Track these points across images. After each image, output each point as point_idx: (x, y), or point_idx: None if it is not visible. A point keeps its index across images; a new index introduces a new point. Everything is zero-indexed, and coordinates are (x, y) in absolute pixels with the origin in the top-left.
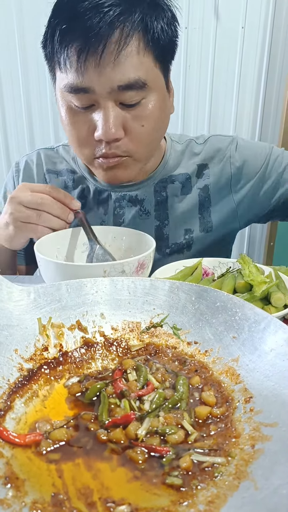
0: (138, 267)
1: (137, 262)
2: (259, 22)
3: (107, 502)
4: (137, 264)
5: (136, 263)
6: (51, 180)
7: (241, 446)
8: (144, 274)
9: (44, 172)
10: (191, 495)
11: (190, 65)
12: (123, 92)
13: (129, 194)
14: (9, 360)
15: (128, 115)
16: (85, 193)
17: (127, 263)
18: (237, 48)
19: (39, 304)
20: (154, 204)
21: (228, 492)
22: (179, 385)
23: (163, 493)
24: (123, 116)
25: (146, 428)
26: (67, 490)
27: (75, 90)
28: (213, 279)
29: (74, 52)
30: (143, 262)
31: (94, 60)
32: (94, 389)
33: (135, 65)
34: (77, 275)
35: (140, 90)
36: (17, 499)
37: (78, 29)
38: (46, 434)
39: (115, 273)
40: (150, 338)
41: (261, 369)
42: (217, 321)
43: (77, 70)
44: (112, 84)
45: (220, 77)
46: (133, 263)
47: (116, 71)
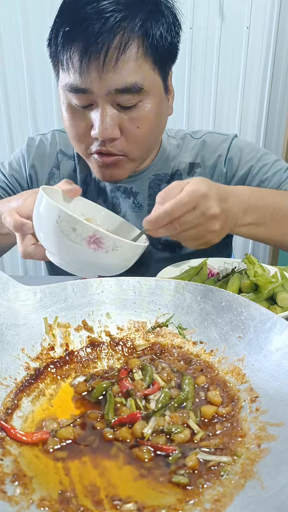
0: (92, 239)
1: (92, 232)
2: (264, 22)
3: (113, 500)
4: (91, 234)
5: (90, 231)
6: (62, 161)
7: (247, 445)
8: (101, 255)
9: (57, 151)
10: (197, 493)
11: (195, 65)
12: (120, 95)
13: (124, 186)
14: (16, 359)
15: (125, 116)
16: (87, 180)
17: (81, 223)
18: (242, 48)
19: (45, 304)
20: (148, 198)
21: (234, 490)
22: (184, 385)
23: (170, 492)
24: (120, 117)
25: (152, 427)
26: (74, 488)
27: (75, 90)
28: (218, 279)
29: (75, 54)
30: (99, 238)
31: (94, 64)
32: (100, 388)
33: (133, 70)
34: (40, 208)
35: (136, 94)
36: (25, 496)
37: (80, 33)
38: (53, 433)
39: (67, 226)
40: (155, 337)
41: (267, 368)
42: (223, 321)
43: (77, 72)
44: (110, 87)
45: (225, 77)
46: (86, 229)
47: (115, 75)
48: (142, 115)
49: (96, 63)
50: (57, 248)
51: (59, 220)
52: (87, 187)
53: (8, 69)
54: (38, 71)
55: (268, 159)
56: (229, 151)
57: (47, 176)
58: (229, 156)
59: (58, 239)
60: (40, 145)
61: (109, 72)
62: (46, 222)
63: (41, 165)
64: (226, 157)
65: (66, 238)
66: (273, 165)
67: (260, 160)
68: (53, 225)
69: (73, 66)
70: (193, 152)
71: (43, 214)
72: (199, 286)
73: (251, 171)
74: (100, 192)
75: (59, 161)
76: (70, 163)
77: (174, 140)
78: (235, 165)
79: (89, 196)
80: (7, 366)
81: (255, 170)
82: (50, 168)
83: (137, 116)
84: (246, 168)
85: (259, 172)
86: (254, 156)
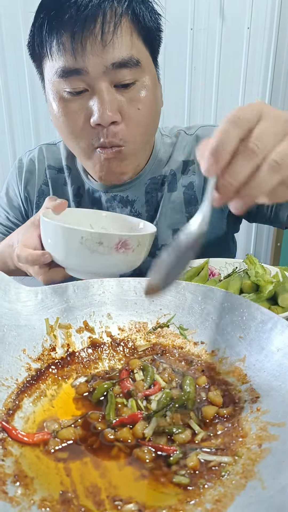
0: (119, 245)
1: (118, 239)
2: (265, 22)
3: (114, 500)
4: (118, 241)
5: (116, 239)
6: (51, 176)
7: (248, 446)
8: (128, 255)
9: (45, 168)
10: (198, 494)
11: (196, 66)
12: (117, 71)
13: (120, 194)
14: (17, 360)
15: (123, 98)
16: (81, 192)
17: (106, 236)
18: (243, 49)
19: (47, 305)
20: (145, 205)
21: (235, 491)
22: (186, 385)
23: (171, 492)
24: (119, 100)
25: (153, 428)
26: (75, 488)
27: (67, 73)
28: (219, 279)
29: (65, 35)
30: (126, 241)
31: (87, 38)
32: (101, 389)
33: (128, 44)
34: (56, 235)
35: (133, 68)
36: (26, 497)
37: (68, 12)
38: (54, 433)
39: (92, 243)
40: (156, 338)
41: (268, 369)
42: (224, 321)
43: (70, 52)
44: (106, 62)
45: (225, 78)
46: (112, 238)
47: (110, 49)
48: (142, 95)
49: (91, 37)
50: (84, 264)
51: (83, 241)
52: (81, 199)
53: (9, 67)
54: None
55: None
56: None
57: (36, 194)
58: None
59: (85, 257)
60: (29, 164)
61: (103, 47)
62: (69, 246)
63: (32, 184)
64: None
65: (95, 253)
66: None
67: None
68: (77, 246)
69: (65, 47)
70: (187, 149)
71: (62, 241)
72: (200, 286)
73: None
74: (95, 203)
75: (47, 177)
76: (60, 176)
77: (168, 138)
78: None
79: (83, 207)
80: (9, 367)
81: None
82: (39, 186)
83: (136, 96)
84: None
85: None
86: None
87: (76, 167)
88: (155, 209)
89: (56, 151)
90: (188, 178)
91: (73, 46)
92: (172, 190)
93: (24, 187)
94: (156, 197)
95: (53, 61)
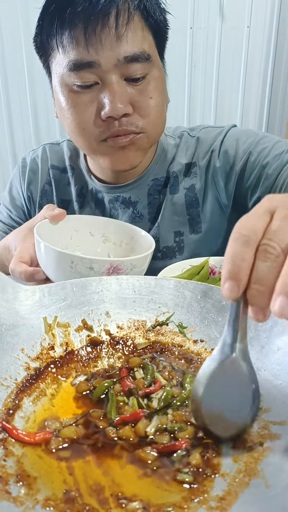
0: (111, 270)
1: (109, 264)
2: (265, 21)
3: (119, 498)
4: (109, 266)
5: (107, 264)
6: (55, 176)
7: (250, 444)
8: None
9: (48, 167)
10: (202, 491)
11: (196, 65)
12: (128, 65)
13: (123, 195)
14: (16, 359)
15: (134, 90)
16: (84, 192)
17: (96, 261)
18: (243, 47)
19: (45, 304)
20: (148, 206)
21: (239, 489)
22: (186, 383)
23: (175, 490)
24: (130, 93)
25: (155, 426)
26: (78, 487)
27: (79, 67)
28: (220, 278)
29: (79, 28)
30: (118, 266)
31: (101, 31)
32: (101, 387)
33: (140, 39)
34: (47, 256)
35: (145, 62)
36: (30, 496)
37: (82, 4)
38: (55, 432)
39: (83, 267)
40: (156, 336)
41: (268, 367)
42: (223, 319)
43: (83, 45)
44: (118, 55)
45: (225, 77)
46: (103, 264)
47: (122, 42)
48: (153, 87)
49: (105, 30)
50: None
51: (73, 265)
52: (84, 199)
53: (9, 68)
54: (39, 72)
55: (267, 142)
56: (223, 144)
57: (39, 194)
58: (223, 149)
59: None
60: (32, 163)
61: (115, 40)
62: (59, 268)
63: (35, 184)
64: (219, 151)
65: (86, 277)
66: (273, 147)
67: (259, 144)
68: (67, 269)
69: (77, 40)
70: (189, 151)
71: (53, 262)
72: (199, 284)
73: (249, 159)
74: (98, 204)
75: (51, 177)
76: (63, 176)
77: (172, 139)
78: (231, 157)
79: (86, 207)
80: (7, 367)
81: (254, 156)
82: (42, 185)
83: (147, 88)
84: (244, 157)
85: (259, 157)
86: (252, 142)
87: (80, 167)
88: (157, 211)
89: (59, 151)
90: (190, 181)
91: (87, 39)
92: (174, 192)
93: (27, 186)
94: (158, 199)
95: (64, 54)
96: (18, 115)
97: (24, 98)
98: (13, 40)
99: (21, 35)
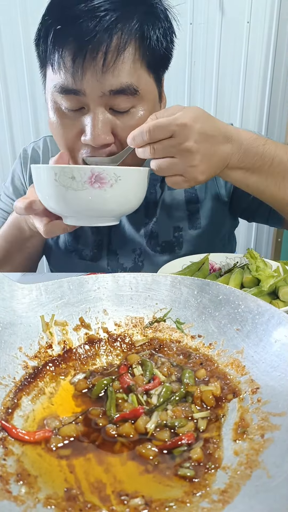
0: (92, 178)
1: (90, 172)
2: (265, 16)
3: (120, 495)
4: (90, 174)
5: (88, 172)
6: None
7: (250, 436)
8: (107, 191)
9: (49, 158)
10: (204, 485)
11: (196, 61)
12: (114, 97)
13: None
14: (14, 358)
15: (118, 121)
16: None
17: (77, 169)
18: (243, 43)
19: (42, 302)
20: (144, 199)
21: (240, 481)
22: (185, 378)
23: (176, 485)
24: (113, 122)
25: (155, 422)
26: (79, 485)
27: (65, 91)
28: (220, 274)
29: (68, 54)
30: (99, 174)
31: (90, 64)
32: (100, 384)
33: (129, 72)
34: (38, 179)
35: (131, 96)
36: (31, 495)
37: (73, 32)
38: (55, 431)
39: (65, 177)
40: (153, 333)
41: (266, 360)
42: (220, 314)
43: (69, 72)
44: (104, 88)
45: (225, 72)
46: (84, 172)
47: (110, 75)
48: (136, 121)
49: (92, 63)
50: (65, 205)
51: (56, 178)
52: None
53: (9, 68)
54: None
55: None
56: None
57: None
58: None
59: (63, 196)
60: (33, 155)
61: (103, 73)
62: (48, 186)
63: None
64: None
65: (70, 189)
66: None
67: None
68: (53, 184)
69: (65, 66)
70: None
71: (42, 182)
72: (196, 280)
73: None
74: None
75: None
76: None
77: None
78: None
79: None
80: (5, 366)
81: None
82: None
83: (130, 122)
84: None
85: None
86: None
87: None
88: (154, 206)
89: None
90: None
91: (74, 68)
92: (173, 188)
93: (28, 176)
94: (154, 193)
95: (54, 74)
96: (17, 109)
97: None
98: (13, 40)
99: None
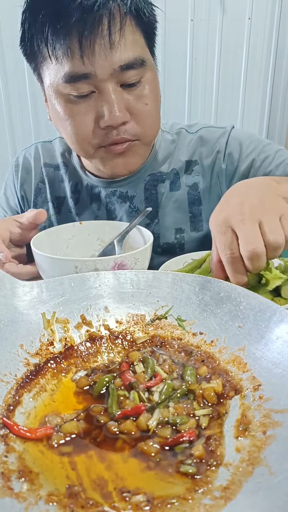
0: (115, 267)
1: (113, 262)
2: (266, 13)
3: (122, 492)
4: (113, 264)
5: (111, 262)
6: (48, 174)
7: (252, 433)
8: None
9: (41, 166)
10: (206, 482)
11: (197, 57)
12: (124, 72)
13: (120, 190)
14: (15, 355)
15: (130, 96)
16: (78, 188)
17: (100, 261)
18: (244, 39)
19: (43, 299)
20: (144, 201)
21: (242, 478)
22: (187, 375)
23: (178, 482)
24: (126, 99)
25: (157, 419)
26: (81, 482)
27: (74, 79)
28: None
29: (72, 38)
30: (122, 262)
31: (99, 43)
32: (102, 382)
33: (133, 44)
34: (53, 268)
35: (140, 67)
36: (32, 492)
37: (74, 14)
38: (57, 428)
39: (87, 270)
40: (155, 330)
41: (268, 357)
42: (222, 311)
43: (77, 56)
44: (114, 64)
45: (227, 69)
46: (107, 262)
47: (117, 51)
48: (148, 90)
49: (100, 40)
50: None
51: (78, 270)
52: (79, 195)
53: (9, 68)
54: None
55: (270, 150)
56: (227, 146)
57: (33, 193)
58: (228, 151)
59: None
60: (24, 162)
61: (112, 49)
62: (64, 273)
63: (29, 183)
64: (224, 152)
65: None
66: (276, 156)
67: (262, 152)
68: (73, 272)
69: (73, 52)
70: (190, 148)
71: (58, 272)
72: (197, 277)
73: (253, 165)
74: (94, 198)
75: (44, 175)
76: (57, 173)
77: (169, 135)
78: (235, 160)
79: (82, 203)
80: (7, 363)
81: (258, 163)
82: (36, 184)
83: (142, 93)
84: (248, 162)
85: (262, 165)
86: (255, 148)
87: (73, 163)
88: (155, 207)
89: (51, 149)
90: (192, 179)
91: (82, 50)
92: (175, 190)
93: (20, 185)
94: (155, 194)
95: (58, 65)
96: (18, 115)
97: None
98: (13, 40)
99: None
